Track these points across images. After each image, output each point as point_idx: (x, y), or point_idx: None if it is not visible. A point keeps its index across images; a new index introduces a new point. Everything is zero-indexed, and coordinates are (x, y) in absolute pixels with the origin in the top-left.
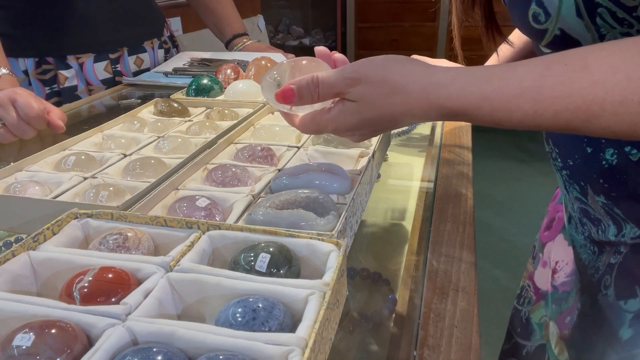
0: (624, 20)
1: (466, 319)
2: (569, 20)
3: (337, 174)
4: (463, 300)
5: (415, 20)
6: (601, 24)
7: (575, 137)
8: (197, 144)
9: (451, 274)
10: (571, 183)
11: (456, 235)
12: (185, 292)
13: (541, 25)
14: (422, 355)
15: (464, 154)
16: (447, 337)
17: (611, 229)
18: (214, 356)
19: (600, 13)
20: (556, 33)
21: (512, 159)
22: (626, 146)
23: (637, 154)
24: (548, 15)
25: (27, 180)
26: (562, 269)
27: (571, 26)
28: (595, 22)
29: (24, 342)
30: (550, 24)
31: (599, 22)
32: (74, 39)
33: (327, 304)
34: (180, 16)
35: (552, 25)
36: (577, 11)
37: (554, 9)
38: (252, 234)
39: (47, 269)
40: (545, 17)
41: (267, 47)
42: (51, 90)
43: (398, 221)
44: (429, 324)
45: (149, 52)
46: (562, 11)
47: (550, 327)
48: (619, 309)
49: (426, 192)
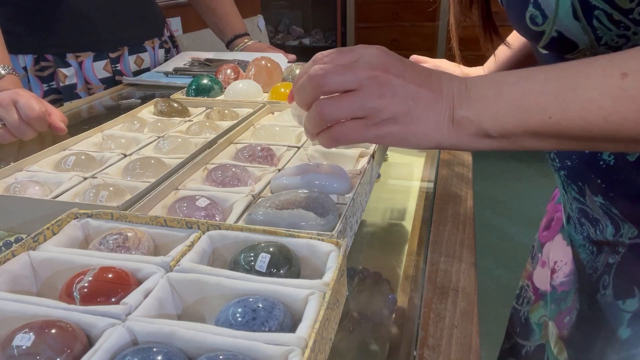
0: (620, 22)
1: (466, 319)
2: (566, 22)
3: (337, 174)
4: (463, 300)
5: (415, 20)
6: (598, 26)
7: None
8: (197, 144)
9: (451, 274)
10: (569, 183)
11: (456, 235)
12: (185, 292)
13: (538, 27)
14: (422, 355)
15: (464, 154)
16: (447, 337)
17: (609, 229)
18: (214, 356)
19: (596, 15)
20: (553, 35)
21: (512, 159)
22: None
23: (634, 155)
24: (545, 17)
25: (27, 180)
26: (560, 269)
27: (568, 28)
28: (592, 24)
29: (24, 342)
30: (547, 26)
31: (595, 24)
32: (73, 38)
33: (327, 304)
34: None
35: (550, 27)
36: (574, 13)
37: (551, 11)
38: (252, 234)
39: (47, 269)
40: (542, 19)
41: (268, 47)
42: (49, 87)
43: (398, 221)
44: (429, 324)
45: (149, 51)
46: (559, 13)
47: (549, 327)
48: (618, 309)
49: (426, 192)
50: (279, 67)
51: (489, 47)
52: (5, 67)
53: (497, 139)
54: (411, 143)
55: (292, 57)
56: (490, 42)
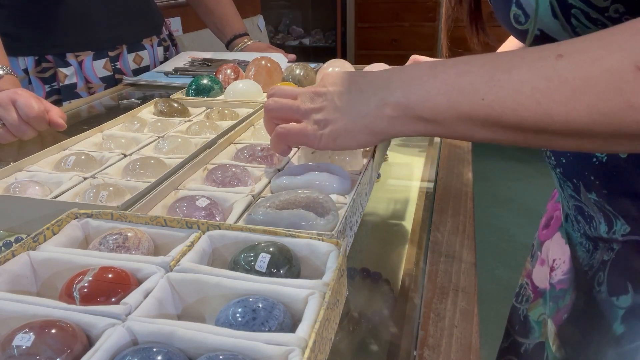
0: (597, 20)
1: (466, 319)
2: (546, 21)
3: (337, 174)
4: (463, 300)
5: (415, 20)
6: (576, 24)
7: None
8: (197, 144)
9: (451, 274)
10: (565, 181)
11: (456, 235)
12: (185, 292)
13: (522, 26)
14: (422, 355)
15: (464, 153)
16: (447, 337)
17: (602, 226)
18: (214, 356)
19: (574, 14)
20: (536, 33)
21: (512, 159)
22: None
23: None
24: (527, 16)
25: (27, 180)
26: (559, 267)
27: (549, 26)
28: (571, 22)
29: (24, 342)
30: (530, 25)
31: (574, 23)
32: (72, 37)
33: (327, 304)
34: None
35: (532, 26)
36: (553, 12)
37: (531, 10)
38: (252, 234)
39: (47, 269)
40: (524, 18)
41: (268, 47)
42: (51, 88)
43: (398, 221)
44: (429, 324)
45: (148, 49)
46: (539, 12)
47: (548, 324)
48: (612, 305)
49: (426, 192)
50: (279, 67)
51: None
52: (3, 68)
53: (431, 123)
54: (345, 141)
55: (292, 57)
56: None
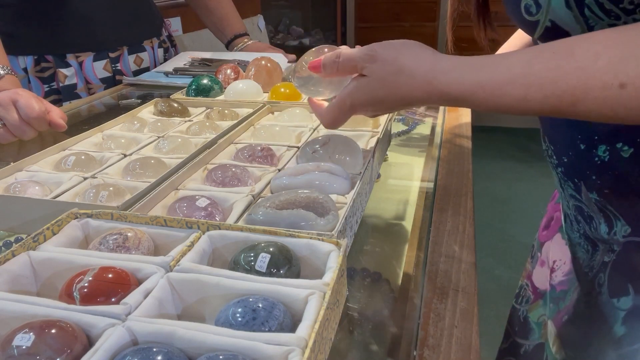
0: (610, 11)
1: (466, 319)
2: (558, 11)
3: (337, 174)
4: (463, 300)
5: (415, 20)
6: (589, 15)
7: (570, 134)
8: (197, 144)
9: (451, 274)
10: (566, 180)
11: (456, 235)
12: (185, 292)
13: (533, 17)
14: (422, 355)
15: (464, 153)
16: (447, 337)
17: (602, 227)
18: (214, 356)
19: (588, 4)
20: (547, 25)
21: (512, 159)
22: (617, 143)
23: (628, 151)
24: (539, 6)
25: (27, 180)
26: (559, 268)
27: (561, 17)
28: (584, 13)
29: (24, 342)
30: (541, 16)
31: (587, 14)
32: (73, 38)
33: (327, 304)
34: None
35: (543, 17)
36: (566, 2)
37: (544, 1)
38: (252, 234)
39: (47, 269)
40: (536, 9)
41: (268, 47)
42: (50, 88)
43: (398, 221)
44: (429, 324)
45: (148, 51)
46: (552, 3)
47: (548, 326)
48: (613, 307)
49: (426, 192)
50: (278, 67)
51: (482, 35)
52: (4, 68)
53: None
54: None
55: (292, 57)
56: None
